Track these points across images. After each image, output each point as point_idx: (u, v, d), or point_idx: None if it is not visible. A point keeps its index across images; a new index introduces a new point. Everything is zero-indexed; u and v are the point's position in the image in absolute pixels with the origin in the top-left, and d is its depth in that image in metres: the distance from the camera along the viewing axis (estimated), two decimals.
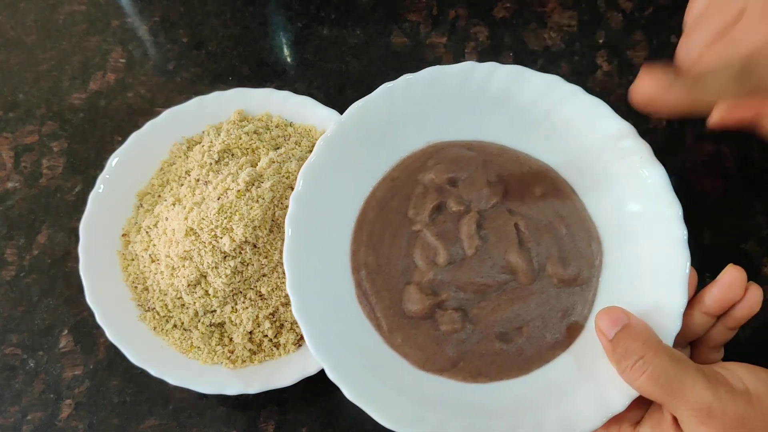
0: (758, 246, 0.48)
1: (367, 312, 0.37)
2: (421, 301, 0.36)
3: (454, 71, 0.39)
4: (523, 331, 0.36)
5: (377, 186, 0.39)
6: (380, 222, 0.39)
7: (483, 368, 0.35)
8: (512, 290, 0.37)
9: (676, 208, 0.35)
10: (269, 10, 0.60)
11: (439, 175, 0.39)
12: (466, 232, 0.38)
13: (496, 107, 0.40)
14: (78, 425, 0.43)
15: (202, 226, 0.40)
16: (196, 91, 0.53)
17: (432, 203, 0.38)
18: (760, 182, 0.50)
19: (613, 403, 0.32)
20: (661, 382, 0.29)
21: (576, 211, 0.39)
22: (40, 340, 0.46)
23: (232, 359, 0.42)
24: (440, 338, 0.36)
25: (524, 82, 0.39)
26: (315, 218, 0.36)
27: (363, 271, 0.37)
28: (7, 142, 0.53)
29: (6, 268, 0.48)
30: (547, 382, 0.35)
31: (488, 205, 0.39)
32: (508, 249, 0.37)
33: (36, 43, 0.58)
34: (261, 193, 0.41)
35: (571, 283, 0.37)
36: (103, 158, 0.50)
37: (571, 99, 0.38)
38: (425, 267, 0.37)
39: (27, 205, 0.50)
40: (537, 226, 0.38)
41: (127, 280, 0.44)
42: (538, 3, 0.59)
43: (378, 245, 0.38)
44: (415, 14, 0.58)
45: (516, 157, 0.40)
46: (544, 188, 0.39)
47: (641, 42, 0.56)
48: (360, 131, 0.38)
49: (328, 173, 0.37)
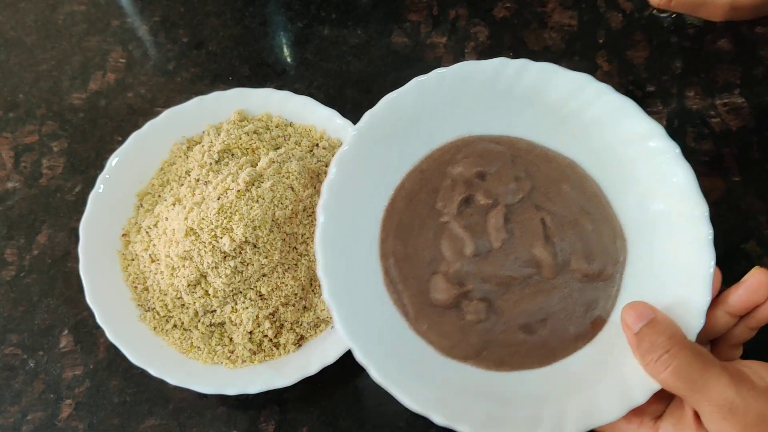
0: (758, 246, 0.48)
1: (395, 299, 0.37)
2: (447, 291, 0.37)
3: (486, 67, 0.39)
4: (547, 323, 0.37)
5: (406, 177, 0.40)
6: (409, 212, 0.39)
7: (506, 358, 0.36)
8: (536, 283, 0.37)
9: (702, 208, 0.35)
10: (269, 10, 0.60)
11: (468, 169, 0.40)
12: (493, 225, 0.38)
13: (526, 103, 0.40)
14: (78, 425, 0.43)
15: (202, 226, 0.40)
16: (196, 91, 0.53)
17: (460, 196, 0.39)
18: (760, 182, 0.50)
19: (635, 396, 0.32)
20: (685, 377, 0.29)
21: (602, 208, 0.39)
22: (40, 340, 0.46)
23: (232, 359, 0.42)
24: (465, 327, 0.37)
25: (555, 79, 0.39)
26: (346, 206, 0.37)
27: (391, 259, 0.38)
28: (7, 142, 0.53)
29: (6, 268, 0.48)
30: (569, 374, 0.35)
31: (515, 199, 0.39)
32: (533, 243, 0.38)
33: (36, 43, 0.58)
34: (261, 193, 0.41)
35: (595, 278, 0.37)
36: (103, 158, 0.50)
37: (601, 98, 0.38)
38: (452, 258, 0.38)
39: (27, 205, 0.50)
40: (563, 222, 0.39)
41: (127, 280, 0.44)
42: (538, 3, 0.59)
43: (406, 235, 0.38)
44: (415, 14, 0.58)
45: (544, 153, 0.41)
46: (571, 185, 0.40)
47: (641, 42, 0.56)
48: (391, 123, 0.39)
49: (359, 163, 0.38)
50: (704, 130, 0.53)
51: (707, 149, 0.52)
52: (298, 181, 0.43)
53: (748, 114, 0.53)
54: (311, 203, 0.44)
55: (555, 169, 0.40)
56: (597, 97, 0.39)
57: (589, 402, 0.33)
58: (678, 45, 0.56)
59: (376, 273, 0.38)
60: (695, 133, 0.52)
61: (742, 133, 0.52)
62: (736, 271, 0.41)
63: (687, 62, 0.56)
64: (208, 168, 0.45)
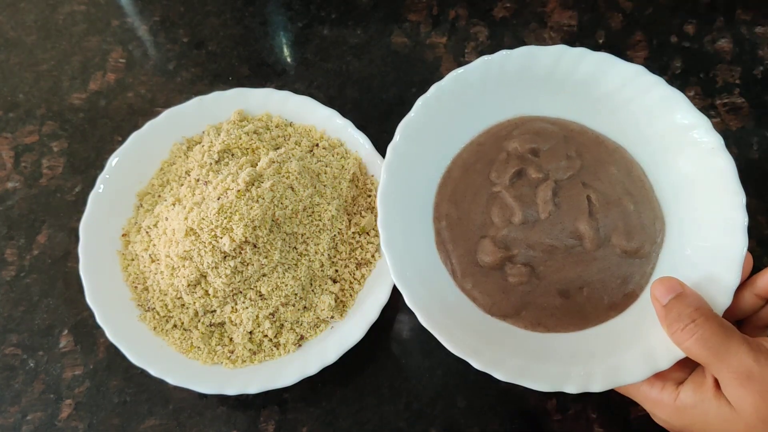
0: (758, 246, 0.48)
1: (444, 258, 0.40)
2: (493, 253, 0.40)
3: (548, 52, 0.42)
4: (584, 291, 0.39)
5: (464, 148, 0.43)
6: (464, 180, 0.42)
7: (543, 319, 0.39)
8: (578, 254, 0.40)
9: (740, 196, 0.37)
10: (269, 10, 0.59)
11: (523, 145, 0.42)
12: (542, 197, 0.41)
13: (582, 89, 0.43)
14: (78, 425, 0.43)
15: (202, 226, 0.40)
16: (196, 91, 0.53)
17: (513, 168, 0.42)
18: (760, 182, 0.50)
19: (659, 362, 0.34)
20: (709, 346, 0.31)
21: (645, 191, 0.41)
22: (40, 340, 0.46)
23: (232, 359, 0.42)
24: (507, 288, 0.39)
25: (610, 69, 0.41)
26: (406, 168, 0.40)
27: (444, 222, 0.41)
28: (7, 142, 0.53)
29: (6, 268, 0.48)
30: (600, 339, 0.38)
31: (565, 176, 0.42)
32: (578, 217, 0.40)
33: (36, 43, 0.58)
34: (261, 193, 0.41)
35: (632, 254, 0.40)
36: (103, 158, 0.50)
37: (652, 88, 0.40)
38: (501, 224, 0.41)
39: (27, 205, 0.50)
40: (607, 200, 0.41)
41: (127, 280, 0.44)
42: (538, 3, 0.59)
43: (460, 200, 0.42)
44: (415, 14, 0.58)
45: (595, 136, 0.43)
46: (618, 167, 0.42)
47: (641, 42, 0.56)
48: (455, 96, 0.42)
49: (422, 130, 0.41)
50: None
51: None
52: (298, 181, 0.43)
53: (748, 114, 0.53)
54: (311, 203, 0.44)
55: (604, 151, 0.43)
56: (649, 87, 0.41)
57: (616, 365, 0.35)
58: (678, 45, 0.56)
59: (428, 233, 0.41)
60: None
61: (742, 133, 0.52)
62: None
63: (687, 62, 0.55)
64: (208, 168, 0.45)
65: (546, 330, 0.39)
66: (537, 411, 0.43)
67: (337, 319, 0.43)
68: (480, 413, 0.43)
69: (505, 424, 0.43)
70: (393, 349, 0.45)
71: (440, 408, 0.43)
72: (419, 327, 0.46)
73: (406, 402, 0.44)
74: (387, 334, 0.46)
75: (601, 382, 0.35)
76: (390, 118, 0.54)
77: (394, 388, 0.44)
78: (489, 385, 0.44)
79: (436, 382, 0.44)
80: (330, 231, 0.44)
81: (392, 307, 0.44)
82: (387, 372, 0.44)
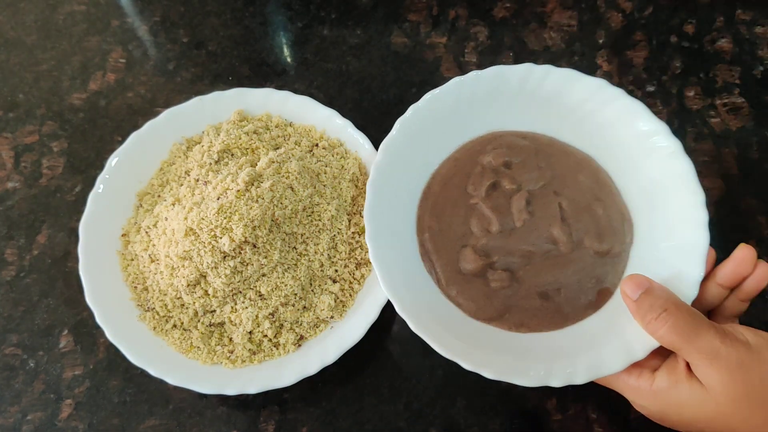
0: (758, 246, 0.48)
1: (428, 267, 0.43)
2: (475, 261, 0.42)
3: (515, 71, 0.45)
4: (561, 292, 0.41)
5: (442, 164, 0.46)
6: (443, 194, 0.45)
7: (525, 320, 0.41)
8: (554, 257, 0.42)
9: (700, 195, 0.39)
10: (269, 10, 0.60)
11: (497, 159, 0.45)
12: (516, 206, 0.43)
13: (549, 104, 0.45)
14: (78, 425, 0.43)
15: (202, 226, 0.40)
16: (196, 91, 0.53)
17: (489, 181, 0.44)
18: (759, 182, 0.50)
19: (636, 352, 0.37)
20: (680, 332, 0.34)
21: (612, 196, 0.44)
22: (40, 340, 0.46)
23: (232, 359, 0.42)
24: (490, 293, 0.41)
25: (574, 83, 0.44)
26: (390, 185, 0.43)
27: (426, 234, 0.43)
28: (7, 142, 0.53)
29: (6, 268, 0.48)
30: (580, 336, 0.40)
31: (537, 186, 0.44)
32: (551, 223, 0.43)
33: (36, 43, 0.58)
34: (260, 193, 0.41)
35: (604, 255, 0.42)
36: (103, 158, 0.50)
37: (614, 100, 0.43)
38: (480, 233, 0.43)
39: (27, 205, 0.50)
40: (578, 207, 0.44)
41: (126, 280, 0.44)
42: (538, 3, 0.59)
43: (440, 213, 0.44)
44: (415, 14, 0.58)
45: (563, 148, 0.46)
46: (586, 175, 0.45)
47: (641, 42, 0.56)
48: (431, 116, 0.44)
49: (402, 148, 0.43)
50: (704, 130, 0.53)
51: (707, 149, 0.52)
52: (297, 181, 0.43)
53: (748, 114, 0.53)
54: (311, 203, 0.44)
55: (572, 161, 0.45)
56: (611, 99, 0.43)
57: (595, 358, 0.37)
58: (678, 45, 0.56)
59: (413, 244, 0.43)
60: (695, 133, 0.52)
61: (742, 133, 0.52)
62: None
63: (687, 62, 0.55)
64: (207, 168, 0.45)
65: (529, 330, 0.41)
66: (537, 411, 0.43)
67: (337, 319, 0.43)
68: (480, 413, 0.43)
69: (505, 424, 0.43)
70: (393, 349, 0.45)
71: (440, 408, 0.43)
72: None
73: (406, 402, 0.44)
74: (387, 334, 0.46)
75: (583, 374, 0.37)
76: (390, 118, 0.53)
77: (394, 388, 0.44)
78: (489, 385, 0.44)
79: (436, 382, 0.44)
80: (330, 231, 0.44)
81: (392, 307, 0.43)
82: (387, 372, 0.44)
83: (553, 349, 0.39)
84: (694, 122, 0.53)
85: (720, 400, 0.33)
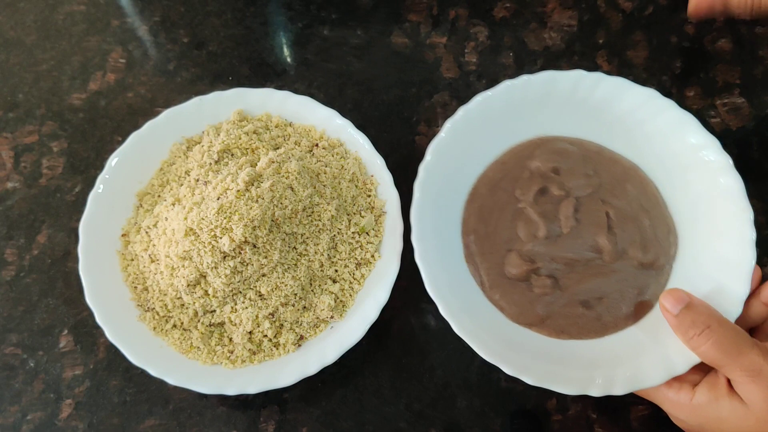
0: (758, 246, 0.48)
1: (473, 270, 0.43)
2: (519, 266, 0.42)
3: (566, 77, 0.45)
4: (603, 301, 0.42)
5: (489, 167, 0.46)
6: (490, 197, 0.45)
7: (566, 327, 0.41)
8: (597, 266, 0.43)
9: (748, 212, 0.40)
10: (270, 10, 0.60)
11: (545, 164, 0.45)
12: (564, 213, 0.44)
13: (599, 112, 0.46)
14: (78, 425, 0.43)
15: (202, 226, 0.40)
16: (196, 91, 0.53)
17: (537, 186, 0.45)
18: (759, 182, 0.50)
19: (676, 367, 0.37)
20: (723, 348, 0.34)
21: (659, 207, 0.44)
22: (40, 340, 0.46)
23: (232, 359, 0.42)
24: (533, 298, 0.42)
25: (625, 92, 0.45)
26: (437, 186, 0.43)
27: (472, 236, 0.44)
28: (7, 142, 0.53)
29: (6, 268, 0.48)
30: (619, 346, 0.40)
31: (585, 193, 0.45)
32: (597, 232, 0.43)
33: (36, 43, 0.58)
34: (260, 193, 0.41)
35: (648, 266, 0.42)
36: (103, 158, 0.50)
37: (664, 111, 0.44)
38: (526, 238, 0.43)
39: (27, 205, 0.50)
40: (624, 216, 0.44)
41: (126, 280, 0.44)
42: (538, 3, 0.59)
43: (487, 216, 0.44)
44: (415, 14, 0.58)
45: (612, 156, 0.46)
46: (634, 185, 0.45)
47: (641, 42, 0.56)
48: (481, 118, 0.44)
49: (450, 150, 0.44)
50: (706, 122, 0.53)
51: None
52: (297, 181, 0.43)
53: (748, 114, 0.53)
54: (311, 203, 0.44)
55: (620, 170, 0.46)
56: (661, 110, 0.44)
57: (635, 370, 0.38)
58: (678, 45, 0.56)
59: (458, 247, 0.44)
60: None
61: (742, 133, 0.52)
62: None
63: (687, 62, 0.55)
64: (207, 168, 0.45)
65: (569, 337, 0.41)
66: (537, 411, 0.43)
67: (337, 319, 0.43)
68: (480, 413, 0.43)
69: (505, 424, 0.43)
70: (393, 349, 0.45)
71: (440, 408, 0.43)
72: (419, 327, 0.46)
73: (406, 402, 0.44)
74: (387, 334, 0.46)
75: (622, 385, 0.37)
76: (390, 118, 0.54)
77: (394, 388, 0.44)
78: (489, 385, 0.44)
79: (437, 383, 0.44)
80: (329, 231, 0.44)
81: (392, 307, 0.44)
82: (387, 372, 0.44)
83: (592, 357, 0.40)
84: None
85: (761, 416, 0.33)
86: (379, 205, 0.46)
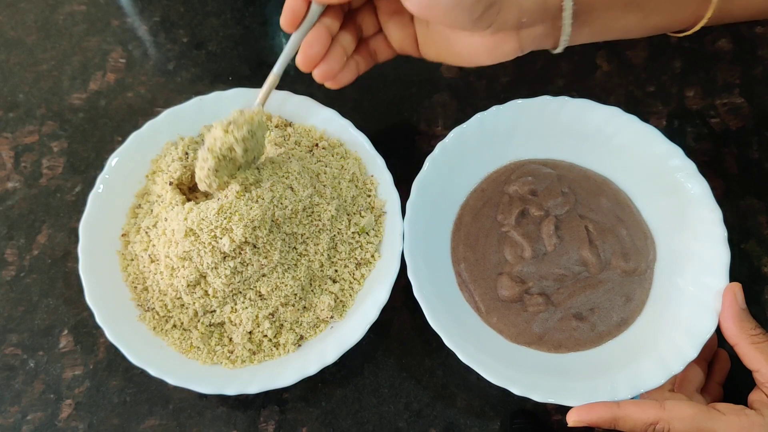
0: (758, 246, 0.48)
1: (467, 297, 0.45)
2: (512, 288, 0.44)
3: (533, 103, 0.47)
4: (595, 311, 0.44)
5: (470, 195, 0.48)
6: (474, 224, 0.47)
7: (563, 341, 0.43)
8: (585, 279, 0.45)
9: (717, 212, 0.42)
10: (269, 10, 0.59)
11: (522, 187, 0.47)
12: (546, 232, 0.45)
13: (567, 132, 0.48)
14: (78, 425, 0.43)
15: (202, 227, 0.40)
16: (196, 91, 0.53)
17: (517, 209, 0.46)
18: (760, 182, 0.50)
19: (672, 367, 0.39)
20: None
21: (633, 216, 0.47)
22: (40, 340, 0.46)
23: (232, 359, 0.42)
24: (528, 317, 0.43)
25: (590, 112, 0.47)
26: (424, 220, 0.44)
27: (462, 264, 0.45)
28: (7, 142, 0.53)
29: (6, 268, 0.48)
30: (616, 352, 0.42)
31: (563, 211, 0.47)
32: (580, 246, 0.45)
33: (36, 43, 0.58)
34: (260, 193, 0.41)
35: (631, 273, 0.45)
36: (103, 158, 0.50)
37: (628, 126, 0.46)
38: (514, 260, 0.45)
39: (27, 205, 0.50)
40: (602, 228, 0.46)
41: (126, 280, 0.44)
42: None
43: (474, 243, 0.46)
44: None
45: (584, 172, 0.49)
46: (607, 197, 0.47)
47: (641, 42, 0.56)
48: (457, 150, 0.46)
49: (433, 184, 0.45)
50: (704, 130, 0.53)
51: (707, 149, 0.52)
52: (297, 181, 0.43)
53: (748, 114, 0.53)
54: (311, 203, 0.44)
55: (593, 185, 0.48)
56: (625, 125, 0.46)
57: (635, 374, 0.40)
58: (678, 45, 0.56)
59: (450, 276, 0.45)
60: (695, 133, 0.52)
61: (742, 133, 0.52)
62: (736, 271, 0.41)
63: (687, 62, 0.55)
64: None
65: (567, 350, 0.43)
66: (537, 411, 0.43)
67: (337, 319, 0.43)
68: (480, 413, 0.43)
69: (505, 424, 0.43)
70: (393, 349, 0.45)
71: (440, 408, 0.43)
72: (419, 327, 0.46)
73: (405, 402, 0.44)
74: (387, 334, 0.46)
75: (626, 391, 0.38)
76: (390, 118, 0.54)
77: (393, 388, 0.44)
78: (489, 385, 0.44)
79: (436, 382, 0.44)
80: (329, 231, 0.44)
81: (392, 307, 0.44)
82: (387, 372, 0.44)
83: (592, 366, 0.41)
84: (694, 122, 0.53)
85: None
86: (379, 205, 0.46)
